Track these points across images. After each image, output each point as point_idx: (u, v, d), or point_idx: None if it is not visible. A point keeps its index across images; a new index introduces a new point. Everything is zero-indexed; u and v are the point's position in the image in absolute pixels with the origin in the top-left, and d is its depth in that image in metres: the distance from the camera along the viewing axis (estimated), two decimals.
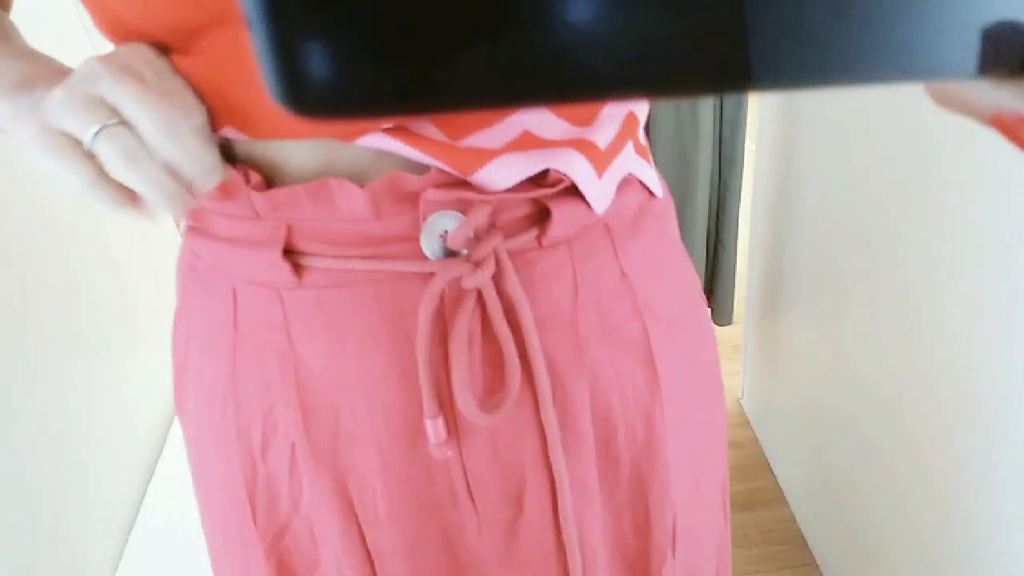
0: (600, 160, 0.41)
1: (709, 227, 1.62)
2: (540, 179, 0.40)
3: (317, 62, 0.16)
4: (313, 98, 0.17)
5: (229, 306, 0.43)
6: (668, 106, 1.47)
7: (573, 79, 0.17)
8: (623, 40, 0.17)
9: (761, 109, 1.41)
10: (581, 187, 0.40)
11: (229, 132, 0.37)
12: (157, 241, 1.48)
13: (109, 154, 0.32)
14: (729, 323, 1.67)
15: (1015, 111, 0.25)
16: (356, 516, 0.46)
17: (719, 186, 1.55)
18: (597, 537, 0.49)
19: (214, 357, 0.46)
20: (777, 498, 1.48)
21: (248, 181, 0.38)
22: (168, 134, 0.32)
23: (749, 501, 1.48)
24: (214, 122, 0.37)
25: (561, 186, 0.40)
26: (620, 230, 0.45)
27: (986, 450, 0.80)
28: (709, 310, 1.71)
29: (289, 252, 0.40)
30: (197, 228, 0.43)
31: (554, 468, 0.45)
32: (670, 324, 0.48)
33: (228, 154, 0.40)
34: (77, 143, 0.32)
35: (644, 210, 0.48)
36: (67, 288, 1.13)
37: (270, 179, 0.39)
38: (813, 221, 1.22)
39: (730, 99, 1.46)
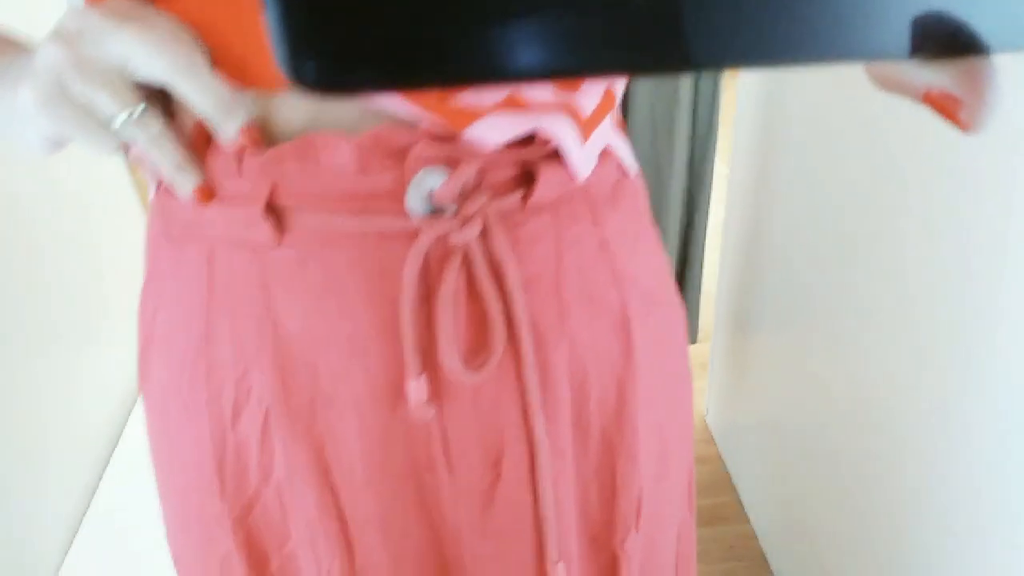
0: (584, 126, 0.42)
1: (679, 246, 1.64)
2: (527, 141, 0.40)
3: (331, 40, 0.17)
4: (326, 75, 0.17)
5: (204, 268, 0.43)
6: (644, 124, 1.49)
7: (547, 60, 0.18)
8: (564, 22, 0.18)
9: (736, 130, 1.44)
10: (566, 151, 0.41)
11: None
12: (117, 231, 1.45)
13: (136, 138, 0.35)
14: (694, 342, 1.69)
15: (942, 89, 0.28)
16: (332, 484, 0.45)
17: (688, 204, 1.57)
18: (571, 506, 0.49)
19: (185, 323, 0.45)
20: (738, 515, 1.48)
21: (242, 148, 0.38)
22: (189, 76, 0.33)
23: (711, 517, 1.48)
24: None
25: (548, 148, 0.40)
26: (600, 200, 0.46)
27: (948, 471, 0.81)
28: None
29: (271, 210, 0.40)
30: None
31: (534, 432, 0.45)
32: (646, 298, 0.49)
33: None
34: (99, 117, 0.34)
35: (621, 185, 0.49)
36: (23, 277, 1.10)
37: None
38: (783, 243, 1.24)
39: (701, 117, 1.48)
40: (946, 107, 0.28)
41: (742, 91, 1.39)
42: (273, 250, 0.41)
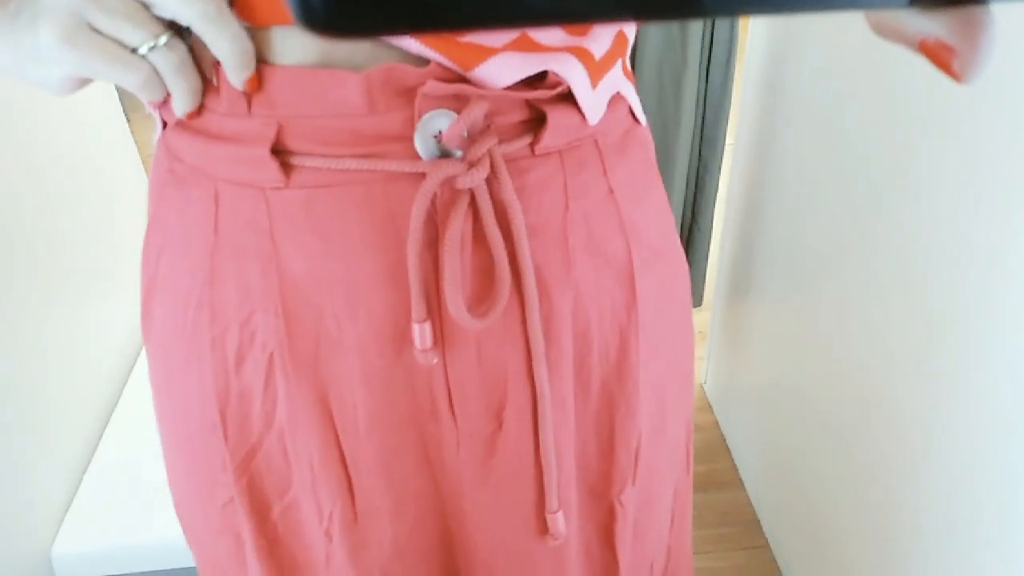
0: (595, 70, 0.41)
1: (685, 209, 1.63)
2: (537, 82, 0.39)
3: None
4: (336, 15, 0.17)
5: (210, 208, 0.42)
6: (651, 85, 1.47)
7: (556, 4, 0.18)
8: None
9: (740, 97, 1.43)
10: (577, 93, 0.40)
11: None
12: (117, 179, 1.44)
13: (162, 66, 0.36)
14: (699, 305, 1.69)
15: (937, 38, 0.28)
16: (335, 429, 0.45)
17: (698, 168, 1.56)
18: (570, 455, 0.50)
19: (190, 265, 0.44)
20: (734, 481, 1.50)
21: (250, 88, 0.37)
22: (218, 22, 0.34)
23: (706, 483, 1.49)
24: None
25: (558, 90, 0.40)
26: (609, 148, 0.46)
27: (947, 438, 0.81)
28: None
29: (278, 152, 0.39)
30: (183, 124, 0.41)
31: (536, 380, 0.45)
32: (651, 250, 0.49)
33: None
34: (125, 47, 0.35)
35: (630, 134, 0.48)
36: (26, 232, 1.09)
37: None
38: (785, 212, 1.23)
39: (715, 82, 1.46)
40: (940, 56, 0.28)
41: (748, 58, 1.38)
42: (279, 191, 0.40)
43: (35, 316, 1.09)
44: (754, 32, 1.37)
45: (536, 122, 0.41)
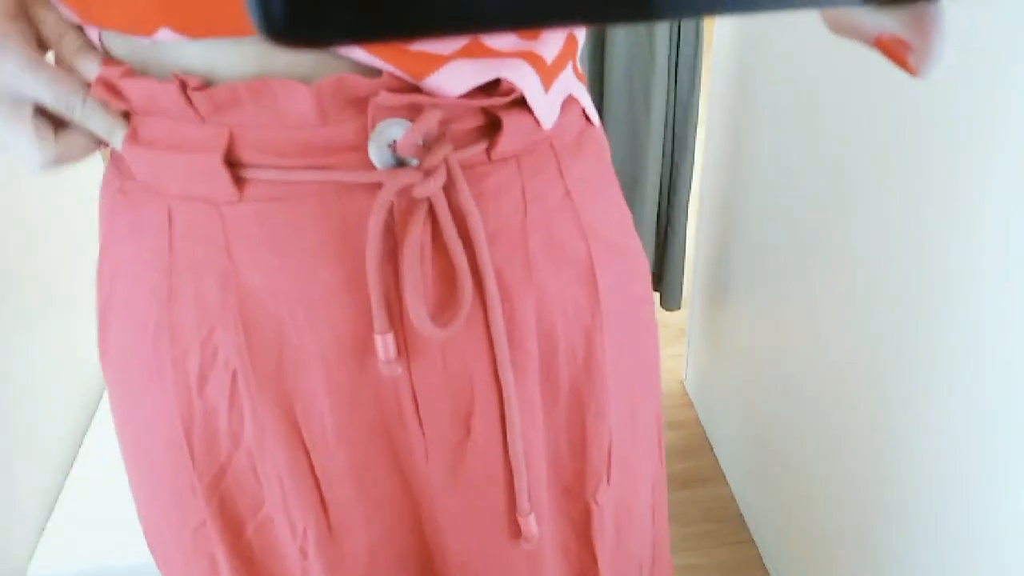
0: (546, 74, 0.41)
1: (660, 211, 1.63)
2: (490, 90, 0.39)
3: None
4: (297, 22, 0.17)
5: (164, 226, 0.41)
6: (621, 88, 1.48)
7: (501, 10, 0.18)
8: None
9: (710, 98, 1.43)
10: (530, 99, 0.40)
11: (163, 34, 0.35)
12: (82, 197, 1.42)
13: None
14: (678, 308, 1.69)
15: (892, 34, 0.30)
16: (303, 443, 0.45)
17: (671, 169, 1.56)
18: (541, 458, 0.49)
19: (146, 286, 0.43)
20: (716, 477, 1.50)
21: (186, 85, 0.37)
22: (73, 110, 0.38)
23: (689, 479, 1.50)
24: (146, 25, 0.35)
25: (512, 96, 0.40)
26: (564, 149, 0.46)
27: (926, 432, 0.82)
28: (657, 295, 1.73)
29: (231, 164, 0.38)
30: (132, 137, 0.40)
31: (503, 384, 0.45)
32: (610, 247, 0.49)
33: (159, 63, 0.38)
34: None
35: (584, 135, 0.48)
36: (9, 246, 1.07)
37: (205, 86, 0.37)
38: (758, 209, 1.24)
39: (683, 81, 1.47)
40: (895, 52, 0.30)
41: (716, 54, 1.38)
42: (233, 206, 0.39)
43: (6, 337, 1.07)
44: (721, 28, 1.38)
45: (491, 128, 0.41)
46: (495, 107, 0.40)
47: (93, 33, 0.40)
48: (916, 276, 0.80)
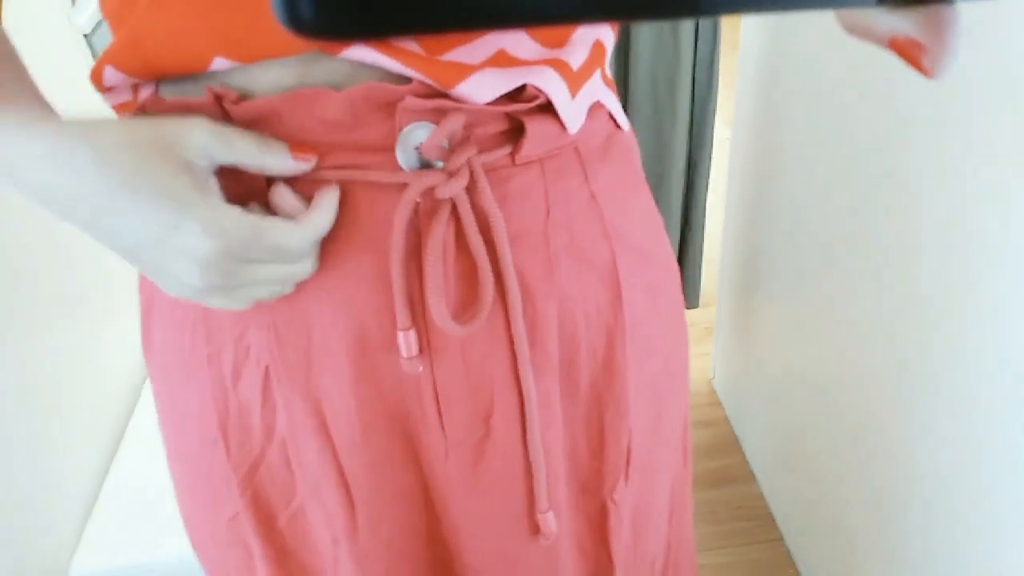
0: (573, 80, 0.42)
1: (680, 209, 1.63)
2: (516, 95, 0.40)
3: None
4: (323, 18, 0.17)
5: None
6: (646, 87, 1.48)
7: (539, 5, 0.18)
8: None
9: (738, 93, 1.43)
10: (556, 104, 0.41)
11: (218, 63, 0.37)
12: None
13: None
14: (696, 306, 1.69)
15: (907, 35, 0.30)
16: (331, 439, 0.46)
17: (689, 168, 1.56)
18: (559, 456, 0.50)
19: None
20: (746, 475, 1.50)
21: (222, 100, 0.38)
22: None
23: (719, 478, 1.49)
24: (202, 60, 0.37)
25: (537, 102, 0.40)
26: (590, 154, 0.46)
27: (956, 429, 0.81)
28: None
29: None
30: None
31: (523, 384, 0.45)
32: (637, 251, 0.49)
33: (195, 83, 0.39)
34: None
35: (612, 139, 0.48)
36: (40, 250, 1.11)
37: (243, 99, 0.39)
38: (787, 206, 1.23)
39: (701, 81, 1.47)
40: (910, 53, 0.30)
41: (743, 52, 1.38)
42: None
43: (47, 335, 1.10)
44: (748, 28, 1.37)
45: (516, 132, 0.42)
46: (520, 112, 0.41)
47: (146, 91, 0.41)
48: (948, 272, 0.79)
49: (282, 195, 0.39)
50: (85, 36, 1.35)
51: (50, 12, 1.25)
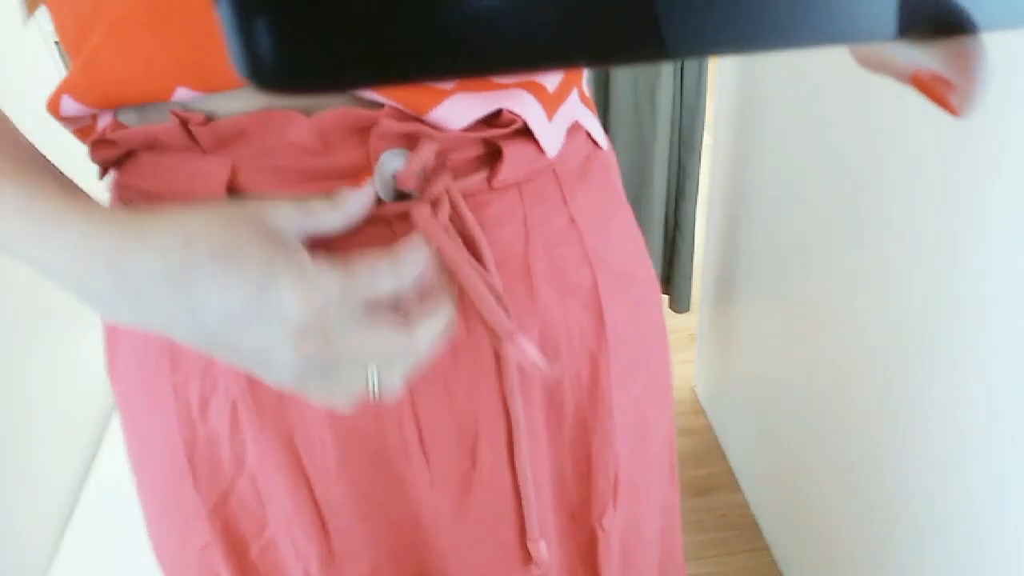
0: (549, 103, 0.41)
1: (668, 214, 1.63)
2: (492, 120, 0.39)
3: (280, 40, 0.17)
4: (277, 73, 0.17)
5: None
6: (627, 93, 1.47)
7: (502, 53, 0.18)
8: (542, 13, 0.17)
9: (717, 100, 1.43)
10: (533, 128, 0.40)
11: (180, 93, 0.35)
12: None
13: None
14: (687, 310, 1.69)
15: (931, 70, 0.26)
16: (304, 471, 0.45)
17: (678, 172, 1.56)
18: (546, 484, 0.49)
19: None
20: (730, 484, 1.49)
21: (188, 123, 0.37)
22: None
23: (703, 487, 1.49)
24: (164, 90, 0.35)
25: (513, 127, 0.39)
26: (568, 176, 0.45)
27: (938, 434, 0.81)
28: (667, 298, 1.72)
29: (233, 193, 0.38)
30: (133, 174, 0.40)
31: (512, 412, 0.44)
32: (619, 274, 0.48)
33: (159, 110, 0.38)
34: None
35: (591, 159, 0.47)
36: (9, 273, 1.08)
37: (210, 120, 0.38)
38: (768, 212, 1.23)
39: (689, 86, 1.46)
40: (935, 90, 0.27)
41: (722, 60, 1.38)
42: None
43: (18, 352, 1.07)
44: None
45: (492, 156, 0.41)
46: (496, 137, 0.39)
47: (105, 118, 0.40)
48: (926, 278, 0.79)
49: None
50: (56, 43, 1.32)
51: (16, 17, 1.22)
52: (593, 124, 0.48)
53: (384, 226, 0.39)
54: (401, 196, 0.39)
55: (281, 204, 0.34)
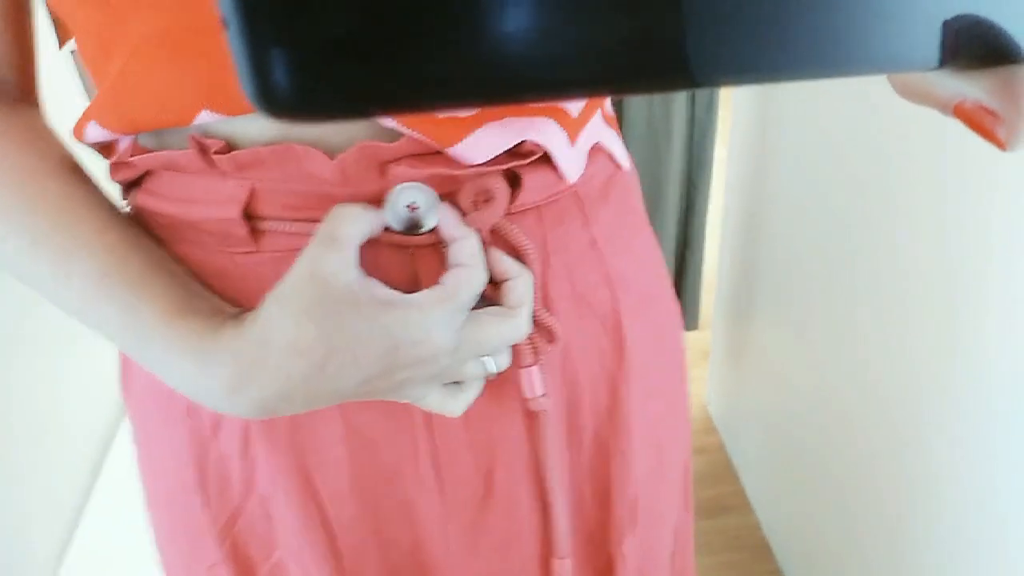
0: (572, 127, 0.40)
1: (678, 230, 1.62)
2: (513, 150, 0.38)
3: (292, 69, 0.16)
4: (289, 102, 0.17)
5: None
6: (640, 109, 1.47)
7: (527, 81, 0.17)
8: (569, 42, 0.17)
9: (733, 114, 1.42)
10: (555, 156, 0.39)
11: (202, 117, 0.35)
12: None
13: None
14: (695, 328, 1.67)
15: (976, 101, 0.25)
16: (315, 493, 0.44)
17: (688, 188, 1.55)
18: (564, 506, 0.48)
19: None
20: (742, 504, 1.47)
21: (207, 149, 0.36)
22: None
23: (714, 507, 1.47)
24: (187, 113, 0.35)
25: (534, 157, 0.39)
26: (589, 198, 0.44)
27: (949, 456, 0.80)
28: None
29: (248, 216, 0.38)
30: (151, 191, 0.40)
31: (540, 435, 0.44)
32: (640, 296, 0.48)
33: (178, 134, 0.38)
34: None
35: (612, 180, 0.47)
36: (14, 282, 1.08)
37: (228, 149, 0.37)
38: (783, 227, 1.22)
39: (701, 102, 1.46)
40: (980, 122, 0.25)
41: None
42: (249, 255, 0.39)
43: (22, 371, 1.07)
44: None
45: (511, 181, 0.40)
46: (517, 167, 0.39)
47: (126, 140, 0.40)
48: (945, 294, 0.78)
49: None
50: (72, 52, 1.33)
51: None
52: (616, 145, 0.47)
53: (388, 248, 0.38)
54: (412, 226, 0.38)
55: (346, 209, 0.35)
